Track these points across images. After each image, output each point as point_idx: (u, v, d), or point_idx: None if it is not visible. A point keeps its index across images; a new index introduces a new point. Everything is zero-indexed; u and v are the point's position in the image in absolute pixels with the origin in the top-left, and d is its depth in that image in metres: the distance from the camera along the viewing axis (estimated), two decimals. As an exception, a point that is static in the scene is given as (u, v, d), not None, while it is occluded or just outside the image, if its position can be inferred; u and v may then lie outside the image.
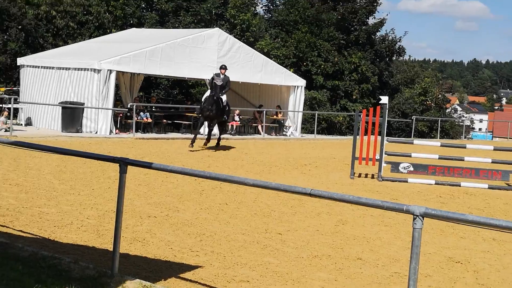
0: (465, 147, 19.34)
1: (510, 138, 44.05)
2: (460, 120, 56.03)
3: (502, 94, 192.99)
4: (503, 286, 7.71)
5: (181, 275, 7.16)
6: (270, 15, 46.97)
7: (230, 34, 33.95)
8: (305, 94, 34.57)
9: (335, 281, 7.39)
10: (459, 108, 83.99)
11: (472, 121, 77.75)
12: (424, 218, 5.00)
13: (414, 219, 5.02)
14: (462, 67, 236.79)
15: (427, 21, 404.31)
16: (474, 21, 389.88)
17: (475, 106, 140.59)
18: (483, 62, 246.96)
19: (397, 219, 11.33)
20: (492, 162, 17.83)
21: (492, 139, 56.18)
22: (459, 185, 16.73)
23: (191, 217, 10.53)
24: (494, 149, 18.58)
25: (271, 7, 47.62)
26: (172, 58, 27.86)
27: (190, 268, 7.49)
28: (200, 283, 6.93)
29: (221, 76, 20.98)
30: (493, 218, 11.90)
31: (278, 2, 47.53)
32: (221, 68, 21.60)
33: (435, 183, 16.74)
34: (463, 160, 17.60)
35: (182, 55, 28.14)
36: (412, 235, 5.03)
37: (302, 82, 33.32)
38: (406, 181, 16.85)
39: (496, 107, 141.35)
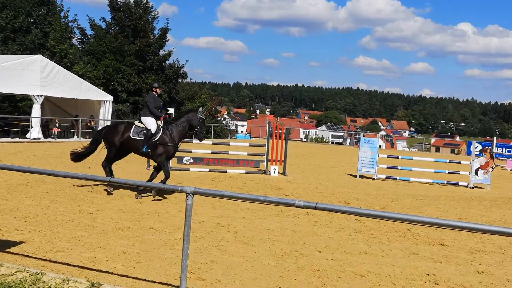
0: (229, 144, 20.05)
1: (261, 137, 46.37)
2: (227, 125, 57.92)
3: (256, 106, 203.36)
4: (253, 241, 8.09)
5: (8, 250, 6.65)
6: (83, 46, 45.08)
7: (51, 60, 32.12)
8: (112, 107, 33.89)
9: (133, 246, 7.31)
10: (227, 117, 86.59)
11: (236, 126, 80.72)
12: (194, 195, 5.14)
13: (186, 196, 5.13)
14: (229, 87, 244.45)
15: (204, 54, 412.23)
16: (236, 55, 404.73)
17: (238, 115, 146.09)
18: (243, 84, 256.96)
19: (181, 197, 11.47)
20: (248, 155, 18.69)
21: (250, 138, 58.66)
22: (226, 171, 17.31)
23: (17, 204, 9.79)
24: (249, 145, 19.44)
25: (84, 39, 45.73)
26: (2, 78, 25.80)
27: (15, 244, 6.96)
28: (23, 255, 6.48)
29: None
30: (245, 193, 12.50)
31: (89, 36, 45.77)
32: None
33: (209, 171, 17.16)
34: (228, 153, 18.26)
35: (11, 76, 26.16)
36: (186, 208, 5.13)
37: (110, 98, 32.57)
38: (188, 170, 17.09)
39: (253, 116, 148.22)
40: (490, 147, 18.90)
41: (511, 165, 28.55)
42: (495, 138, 31.99)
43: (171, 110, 17.97)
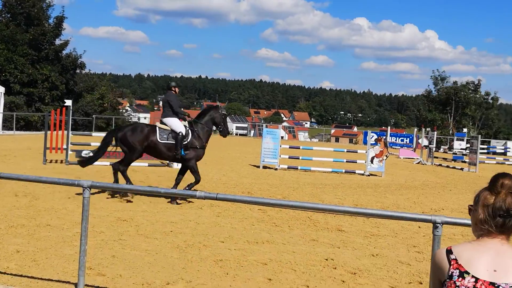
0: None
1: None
2: (129, 118, 56.59)
3: (159, 98, 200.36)
4: (156, 234, 8.00)
5: None
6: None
7: None
8: (4, 99, 31.93)
9: (28, 244, 6.97)
10: (129, 109, 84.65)
11: (138, 118, 79.14)
12: (91, 188, 4.99)
13: (83, 190, 4.97)
14: (131, 79, 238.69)
15: (104, 44, 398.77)
16: (137, 46, 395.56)
17: (141, 107, 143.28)
18: (146, 75, 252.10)
19: (74, 190, 11.08)
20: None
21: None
22: (127, 165, 16.93)
23: None
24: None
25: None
26: None
27: None
28: None
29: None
30: (145, 186, 12.28)
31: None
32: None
33: (110, 164, 16.69)
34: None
35: None
36: (83, 202, 4.98)
37: (1, 89, 30.62)
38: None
39: (156, 108, 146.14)
40: (384, 137, 19.96)
41: (403, 154, 30.31)
42: (389, 128, 33.80)
43: (69, 102, 17.26)
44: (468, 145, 25.85)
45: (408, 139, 38.83)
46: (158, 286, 5.62)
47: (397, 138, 39.97)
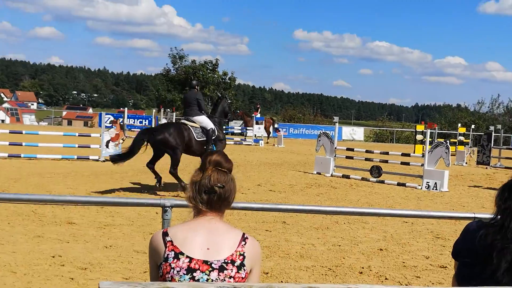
0: None
1: None
2: None
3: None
4: None
5: None
6: None
7: None
8: None
9: None
10: None
11: None
12: None
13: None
14: None
15: None
16: None
17: None
18: None
19: None
20: None
21: None
22: None
23: None
24: None
25: None
26: None
27: None
28: None
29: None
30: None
31: None
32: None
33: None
34: None
35: None
36: None
37: None
38: None
39: None
40: (121, 119, 20.03)
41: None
42: (126, 109, 33.94)
43: None
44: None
45: (147, 120, 39.65)
46: None
47: (136, 119, 40.51)
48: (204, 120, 12.67)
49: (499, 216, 2.56)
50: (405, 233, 9.52)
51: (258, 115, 36.98)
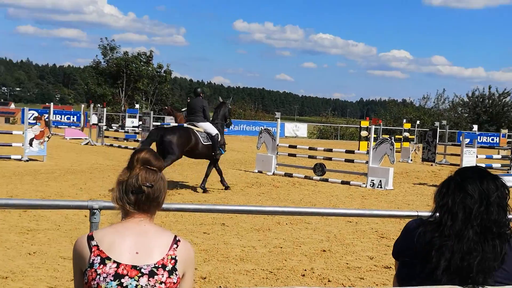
0: None
1: None
2: None
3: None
4: None
5: None
6: None
7: None
8: None
9: None
10: None
11: None
12: None
13: None
14: None
15: None
16: None
17: None
18: None
19: None
20: None
21: None
22: None
23: None
24: None
25: None
26: None
27: None
28: None
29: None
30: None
31: None
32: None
33: None
34: None
35: None
36: None
37: None
38: None
39: None
40: (46, 115, 19.54)
41: (70, 134, 30.19)
42: (52, 104, 33.09)
43: None
44: (141, 123, 27.19)
45: (75, 117, 38.83)
46: None
47: (63, 116, 39.58)
48: (208, 127, 14.09)
49: (437, 214, 2.65)
50: (349, 233, 9.72)
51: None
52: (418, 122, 36.50)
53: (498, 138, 34.99)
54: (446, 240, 2.53)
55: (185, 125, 14.34)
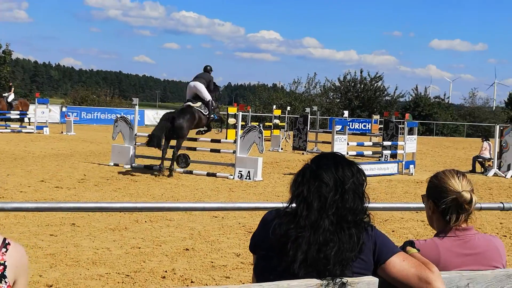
0: None
1: None
2: None
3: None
4: None
5: None
6: None
7: None
8: None
9: None
10: None
11: None
12: None
13: None
14: None
15: None
16: None
17: None
18: None
19: None
20: None
21: None
22: None
23: None
24: None
25: None
26: None
27: None
28: None
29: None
30: None
31: None
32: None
33: None
34: None
35: None
36: None
37: None
38: None
39: None
40: None
41: None
42: None
43: None
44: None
45: None
46: None
47: None
48: (204, 91, 17.20)
49: (294, 204, 2.74)
50: (215, 229, 9.84)
51: (13, 95, 35.12)
52: (288, 108, 37.53)
53: (370, 124, 36.74)
54: (302, 231, 2.62)
55: (186, 104, 17.22)
